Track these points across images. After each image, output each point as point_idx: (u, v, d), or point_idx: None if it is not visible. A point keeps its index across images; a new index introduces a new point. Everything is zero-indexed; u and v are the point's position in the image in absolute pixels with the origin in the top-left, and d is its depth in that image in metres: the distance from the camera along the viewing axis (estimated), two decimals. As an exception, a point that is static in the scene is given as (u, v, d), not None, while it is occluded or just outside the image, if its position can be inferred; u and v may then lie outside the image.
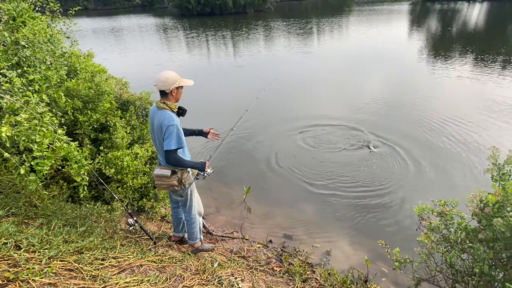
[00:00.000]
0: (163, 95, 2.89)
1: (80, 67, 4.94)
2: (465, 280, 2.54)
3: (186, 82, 2.95)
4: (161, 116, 2.81)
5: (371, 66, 13.32)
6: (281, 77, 11.58)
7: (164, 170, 2.98)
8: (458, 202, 2.63)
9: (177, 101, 2.98)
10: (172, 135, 2.77)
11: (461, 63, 12.63)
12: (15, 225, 2.56)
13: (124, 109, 4.85)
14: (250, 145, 7.02)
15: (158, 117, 2.84)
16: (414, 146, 6.50)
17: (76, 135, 4.12)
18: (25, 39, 3.89)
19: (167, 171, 2.96)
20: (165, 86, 2.81)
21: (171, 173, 2.96)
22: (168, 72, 2.86)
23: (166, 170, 2.97)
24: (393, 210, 4.76)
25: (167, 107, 2.84)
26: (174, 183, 2.98)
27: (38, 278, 2.10)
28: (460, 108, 8.26)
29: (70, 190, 3.85)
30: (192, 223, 3.36)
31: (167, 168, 2.99)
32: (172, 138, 2.77)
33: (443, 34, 21.00)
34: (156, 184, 3.07)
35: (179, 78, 2.89)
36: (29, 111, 2.83)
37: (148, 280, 2.44)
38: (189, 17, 38.48)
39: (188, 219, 3.34)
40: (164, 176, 2.96)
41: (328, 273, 3.42)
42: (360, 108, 8.76)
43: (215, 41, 21.29)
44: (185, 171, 3.05)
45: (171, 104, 2.87)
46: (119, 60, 16.68)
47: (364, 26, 25.17)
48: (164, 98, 2.89)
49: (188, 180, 3.08)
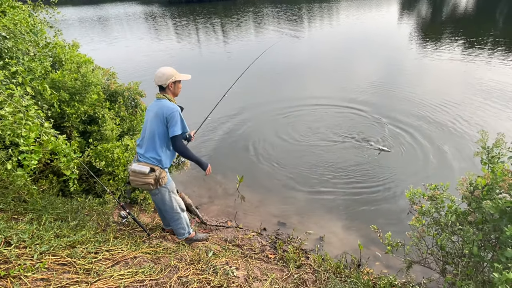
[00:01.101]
0: (161, 90, 2.98)
1: (65, 58, 4.80)
2: (455, 262, 2.60)
3: (182, 76, 3.05)
4: (161, 104, 2.88)
5: (362, 50, 13.29)
6: (272, 64, 11.50)
7: (142, 166, 2.85)
8: (448, 186, 2.67)
9: (176, 95, 3.07)
10: (176, 121, 2.84)
11: (451, 46, 12.67)
12: (4, 221, 2.52)
13: (113, 100, 4.76)
14: (242, 134, 6.99)
15: (158, 106, 2.88)
16: (406, 130, 6.55)
17: (63, 128, 4.04)
18: (6, 29, 3.76)
19: (146, 167, 2.84)
20: (162, 81, 2.92)
21: (149, 170, 2.85)
22: (165, 68, 2.97)
23: (145, 166, 2.85)
24: (385, 195, 4.82)
25: (167, 98, 2.94)
26: (150, 181, 2.86)
27: (30, 274, 2.08)
28: (450, 91, 8.32)
29: (60, 184, 3.80)
30: (176, 219, 3.25)
31: (146, 165, 2.87)
32: (177, 123, 2.84)
33: (434, 17, 20.98)
34: (131, 180, 2.94)
35: (175, 73, 2.97)
36: (13, 105, 2.75)
37: (142, 271, 2.44)
38: (177, 4, 37.65)
39: (171, 217, 3.24)
40: (142, 172, 2.84)
41: (322, 259, 3.47)
42: (350, 90, 8.79)
43: (205, 28, 20.93)
44: (163, 171, 2.95)
45: (170, 97, 2.97)
46: (107, 50, 16.30)
47: (354, 10, 24.96)
48: (163, 92, 2.98)
49: (164, 180, 2.96)
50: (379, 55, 12.53)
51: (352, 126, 6.93)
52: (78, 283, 2.13)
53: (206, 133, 7.04)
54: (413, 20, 19.96)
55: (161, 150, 2.91)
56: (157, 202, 3.17)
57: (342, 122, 7.15)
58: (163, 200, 3.09)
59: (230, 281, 2.61)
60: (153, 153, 2.90)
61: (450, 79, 9.46)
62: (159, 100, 2.92)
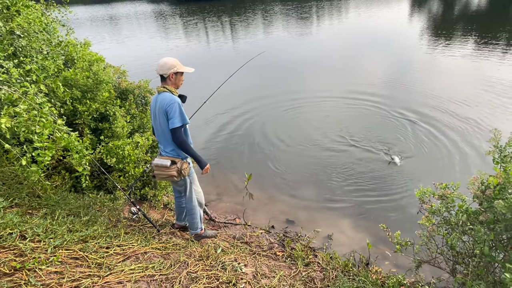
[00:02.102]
0: (162, 80, 2.96)
1: (77, 56, 4.88)
2: (465, 262, 2.57)
3: (185, 68, 3.01)
4: (162, 99, 2.87)
5: (372, 47, 13.15)
6: (281, 61, 11.48)
7: (164, 160, 2.98)
8: (459, 185, 2.64)
9: (177, 87, 3.03)
10: (175, 112, 2.81)
11: (463, 44, 12.44)
12: (19, 216, 2.58)
13: (123, 98, 4.82)
14: (251, 131, 7.01)
15: (159, 101, 2.89)
16: (416, 128, 6.48)
17: (76, 125, 4.11)
18: (20, 28, 3.83)
19: (167, 161, 2.97)
20: (163, 71, 2.89)
21: (170, 163, 2.96)
22: (168, 57, 2.94)
23: (166, 160, 2.98)
24: (394, 194, 4.79)
25: (167, 90, 2.91)
26: (173, 173, 2.97)
27: (44, 267, 2.13)
28: (462, 89, 8.18)
29: (72, 180, 3.87)
30: (192, 213, 3.36)
31: (167, 158, 3.00)
32: (175, 115, 2.82)
33: (445, 15, 20.63)
34: (156, 174, 3.08)
35: (177, 64, 2.94)
36: (27, 102, 2.81)
37: (153, 266, 2.48)
38: (186, 3, 37.74)
39: (189, 208, 3.35)
40: (164, 166, 2.96)
41: (330, 257, 3.47)
42: (364, 85, 8.73)
43: (215, 27, 20.97)
44: (185, 162, 3.04)
45: (171, 88, 2.93)
46: (118, 48, 16.48)
47: (364, 8, 24.68)
48: (164, 83, 2.96)
49: (187, 171, 3.06)
50: (392, 52, 12.36)
51: (367, 124, 6.87)
52: (90, 276, 2.18)
53: (215, 130, 7.08)
54: (424, 18, 19.65)
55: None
56: (181, 192, 3.28)
57: (356, 120, 7.10)
58: (185, 191, 3.20)
59: (239, 277, 2.63)
60: (170, 147, 2.99)
61: (463, 77, 9.30)
62: (160, 94, 2.92)
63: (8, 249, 2.21)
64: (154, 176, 3.21)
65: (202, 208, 3.51)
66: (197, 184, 3.36)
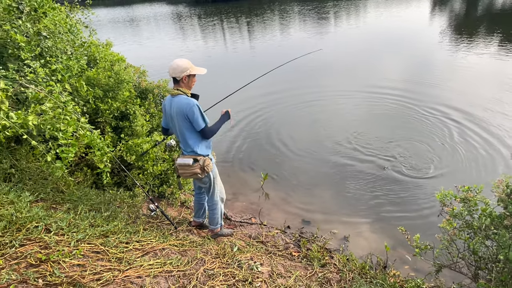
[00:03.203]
0: (175, 82, 2.98)
1: (99, 56, 5.02)
2: (488, 267, 2.50)
3: (198, 70, 3.00)
4: (179, 103, 2.89)
5: (391, 48, 12.89)
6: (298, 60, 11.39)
7: (186, 159, 3.04)
8: (482, 188, 2.56)
9: (190, 88, 3.04)
10: (197, 115, 2.88)
11: (487, 44, 12.03)
12: (44, 210, 2.68)
13: (143, 97, 4.93)
14: (267, 132, 7.01)
15: (176, 105, 2.91)
16: (439, 130, 6.31)
17: (97, 123, 4.23)
18: (47, 29, 3.98)
19: (189, 159, 3.02)
20: (176, 74, 2.90)
21: (193, 161, 3.01)
22: (181, 59, 2.93)
23: (188, 158, 3.03)
24: (414, 196, 4.68)
25: (181, 92, 2.92)
26: (197, 171, 3.04)
27: (67, 259, 2.21)
28: (487, 91, 7.90)
29: (93, 177, 3.99)
30: (214, 208, 3.41)
31: (189, 157, 3.05)
32: (198, 118, 2.90)
33: (468, 13, 20.00)
34: (180, 173, 3.15)
35: (190, 66, 2.94)
36: (53, 100, 2.92)
37: (170, 262, 2.52)
38: (203, 4, 38.13)
39: (210, 204, 3.40)
40: (186, 164, 3.02)
41: (346, 259, 3.43)
42: (378, 87, 8.57)
43: (232, 28, 21.10)
44: (207, 159, 3.09)
45: (185, 90, 2.95)
46: (138, 49, 16.84)
47: (383, 7, 24.25)
48: (177, 85, 2.97)
49: (210, 167, 3.11)
50: (408, 53, 12.09)
51: (389, 124, 6.76)
52: (111, 270, 2.23)
53: (231, 129, 7.11)
54: (445, 17, 19.12)
55: (195, 143, 3.03)
56: (206, 189, 3.33)
57: (378, 120, 7.00)
58: (210, 187, 3.27)
59: (255, 276, 2.64)
60: (190, 147, 3.04)
61: (488, 78, 8.98)
62: (175, 97, 2.93)
63: (34, 242, 2.30)
64: (178, 176, 3.26)
65: (223, 203, 3.55)
66: (219, 179, 3.40)
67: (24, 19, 3.80)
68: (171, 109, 2.97)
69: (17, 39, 3.36)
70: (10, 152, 3.24)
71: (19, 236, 2.28)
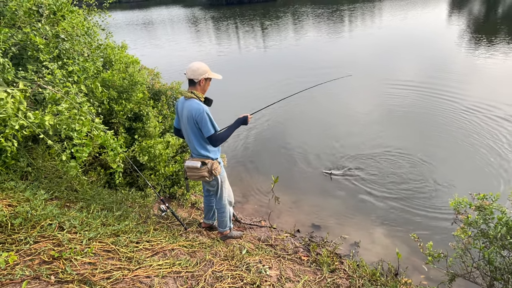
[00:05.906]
0: (191, 84, 2.99)
1: (114, 58, 5.11)
2: (504, 278, 2.42)
3: (214, 75, 3.05)
4: (190, 107, 2.91)
5: (408, 52, 12.69)
6: (313, 63, 11.36)
7: (194, 161, 3.07)
8: (499, 196, 2.49)
9: (204, 92, 3.07)
10: (206, 122, 2.89)
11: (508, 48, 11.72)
12: (58, 208, 2.74)
13: (156, 99, 4.99)
14: (279, 135, 7.00)
15: (187, 109, 2.94)
16: (454, 135, 6.17)
17: (111, 124, 4.31)
18: (65, 32, 4.08)
19: (197, 162, 3.04)
20: (195, 76, 2.92)
21: (201, 164, 3.04)
22: (199, 62, 2.97)
23: (196, 161, 3.06)
24: (426, 203, 4.58)
25: (195, 96, 2.94)
26: (204, 174, 3.06)
27: (79, 257, 2.25)
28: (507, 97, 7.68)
29: (106, 177, 4.06)
30: (222, 212, 3.43)
31: (198, 160, 3.08)
32: (207, 125, 2.90)
33: (487, 16, 19.53)
34: (188, 175, 3.18)
35: (208, 70, 2.99)
36: (69, 101, 2.99)
37: (179, 263, 2.54)
38: (217, 7, 38.46)
39: (218, 207, 3.42)
40: (194, 167, 3.05)
41: (356, 265, 3.38)
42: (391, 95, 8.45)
43: (246, 31, 21.19)
44: (215, 162, 3.10)
45: (198, 93, 2.96)
46: (152, 51, 17.09)
47: (399, 10, 23.93)
48: (192, 87, 2.98)
49: (218, 170, 3.13)
50: (426, 56, 11.88)
51: (399, 128, 6.66)
52: (121, 269, 2.27)
53: (242, 131, 7.12)
54: (463, 20, 18.72)
55: (203, 146, 3.05)
56: (214, 192, 3.35)
57: (389, 123, 6.90)
58: (217, 190, 3.28)
59: (263, 279, 2.63)
60: (199, 150, 3.07)
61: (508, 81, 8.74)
62: (187, 100, 2.95)
63: (48, 239, 2.35)
64: (186, 178, 3.29)
65: (231, 206, 3.56)
66: (227, 182, 3.42)
67: (44, 22, 3.91)
68: (182, 111, 3.01)
69: (37, 41, 3.46)
70: (27, 151, 3.33)
71: (34, 233, 2.34)
